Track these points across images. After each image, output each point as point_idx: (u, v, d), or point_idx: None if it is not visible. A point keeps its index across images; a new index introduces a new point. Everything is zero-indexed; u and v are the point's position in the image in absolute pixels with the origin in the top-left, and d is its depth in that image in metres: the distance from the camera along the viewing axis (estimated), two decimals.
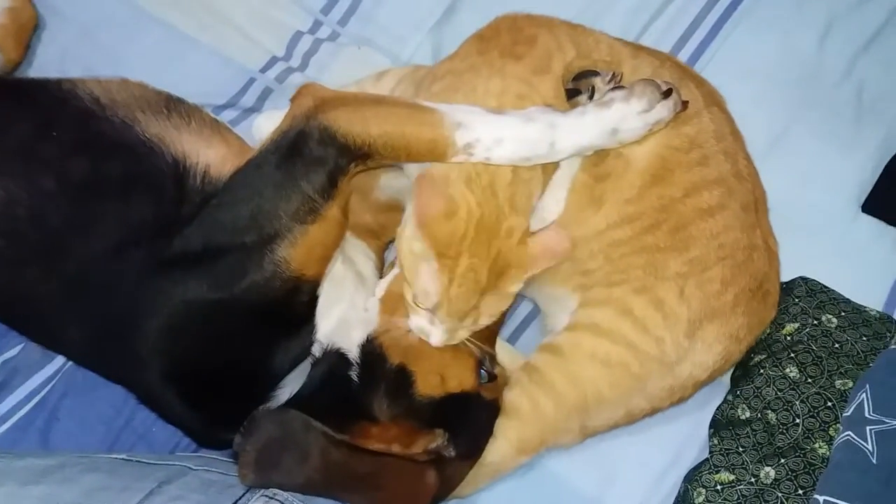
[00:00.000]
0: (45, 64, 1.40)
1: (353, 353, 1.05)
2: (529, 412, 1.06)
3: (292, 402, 1.02)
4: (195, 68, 1.40)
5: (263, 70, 1.42)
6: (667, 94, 1.02)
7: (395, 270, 1.05)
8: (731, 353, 1.09)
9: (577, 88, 1.07)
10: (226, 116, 1.34)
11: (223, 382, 1.03)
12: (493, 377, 1.06)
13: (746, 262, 1.08)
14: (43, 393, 1.20)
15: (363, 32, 1.45)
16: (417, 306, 0.99)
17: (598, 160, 1.06)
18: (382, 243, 1.22)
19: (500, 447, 1.06)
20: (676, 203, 1.06)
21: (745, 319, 1.08)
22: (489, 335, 1.08)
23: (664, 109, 1.02)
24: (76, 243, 1.03)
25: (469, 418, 1.03)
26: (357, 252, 1.15)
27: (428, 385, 1.02)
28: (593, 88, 1.05)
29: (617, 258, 1.06)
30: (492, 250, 0.96)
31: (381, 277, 1.14)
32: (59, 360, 1.23)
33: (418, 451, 0.98)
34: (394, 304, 1.04)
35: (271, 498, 0.94)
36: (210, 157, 1.06)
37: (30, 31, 1.40)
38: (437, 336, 0.99)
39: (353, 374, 1.04)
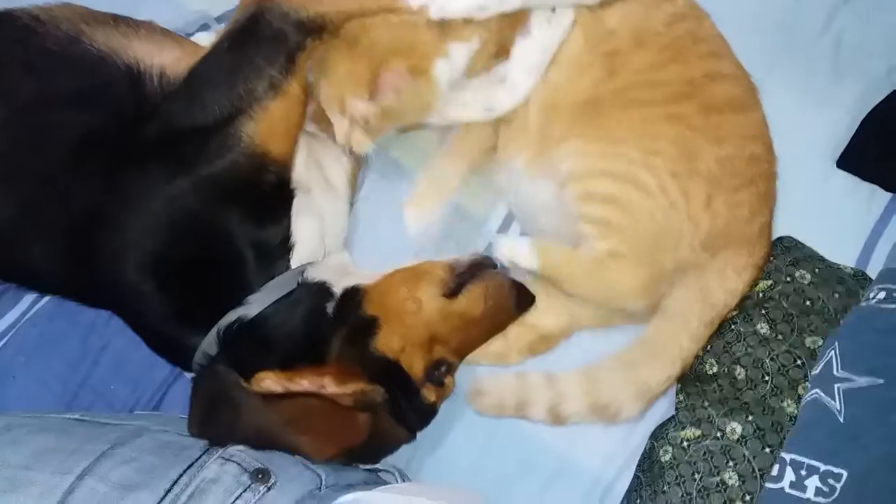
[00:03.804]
0: None
1: (337, 291, 1.06)
2: (627, 250, 1.08)
3: (263, 315, 1.02)
4: (151, 15, 1.33)
5: (221, 20, 1.37)
6: None
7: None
8: (755, 281, 1.13)
9: None
10: None
11: (196, 278, 1.02)
12: (440, 383, 1.07)
13: (767, 194, 1.13)
14: None
15: None
16: None
17: (601, 38, 1.11)
18: None
19: (625, 286, 1.08)
20: (700, 81, 1.11)
21: (764, 252, 1.13)
22: (461, 351, 1.10)
23: None
24: (34, 163, 1.01)
25: (403, 398, 1.03)
26: (328, 155, 1.16)
27: (387, 343, 1.03)
28: None
29: (643, 122, 1.09)
30: None
31: (352, 185, 1.18)
32: (12, 315, 1.19)
33: (348, 393, 0.97)
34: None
35: (227, 460, 0.92)
36: (165, 60, 1.06)
37: None
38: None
39: (330, 308, 1.04)
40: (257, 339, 1.01)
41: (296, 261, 1.06)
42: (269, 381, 0.95)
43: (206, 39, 1.21)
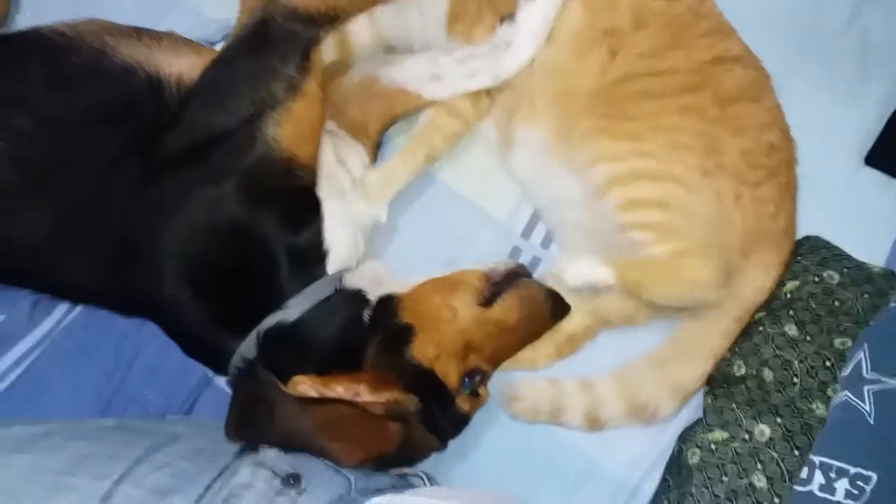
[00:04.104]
0: (21, 25, 1.36)
1: (373, 299, 1.07)
2: (694, 246, 1.06)
3: (301, 320, 1.03)
4: (173, 26, 1.34)
5: None
6: None
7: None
8: (782, 277, 1.13)
9: None
10: None
11: (233, 284, 1.03)
12: (475, 392, 1.07)
13: (788, 185, 1.12)
14: (31, 359, 1.19)
15: None
16: None
17: (599, 11, 1.11)
18: (374, 139, 1.23)
19: (704, 279, 1.06)
20: (710, 68, 1.10)
21: (790, 248, 1.13)
22: (496, 359, 1.10)
23: None
24: (65, 176, 1.03)
25: (437, 407, 1.03)
26: (352, 154, 1.17)
27: (422, 351, 1.03)
28: None
29: (659, 114, 1.08)
30: None
31: None
32: (46, 325, 1.21)
33: (381, 401, 0.98)
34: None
35: (259, 465, 0.93)
36: (182, 66, 1.07)
37: None
38: None
39: (366, 315, 1.05)
40: (295, 344, 1.02)
41: (331, 267, 1.07)
42: (305, 386, 0.96)
43: None
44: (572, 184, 1.14)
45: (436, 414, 1.03)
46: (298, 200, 1.05)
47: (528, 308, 1.09)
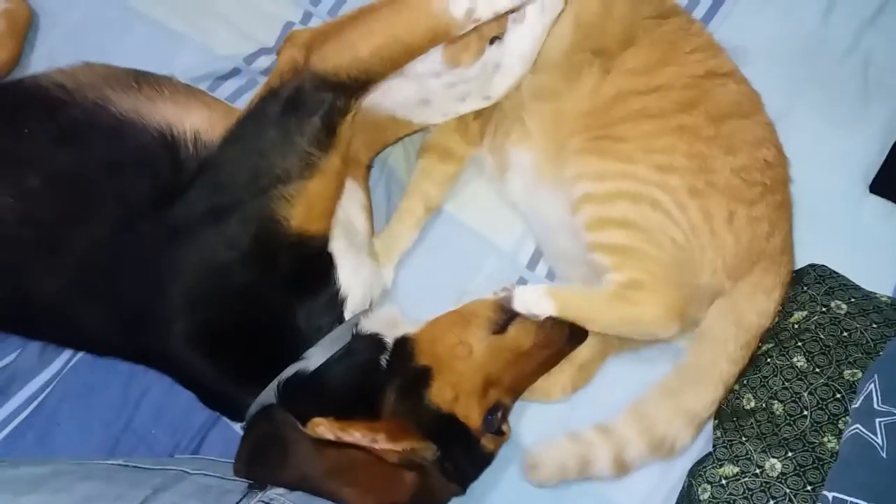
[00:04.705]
0: (34, 64, 1.39)
1: (389, 342, 1.06)
2: (648, 278, 1.05)
3: (318, 371, 1.02)
4: (183, 62, 1.37)
5: (249, 61, 1.40)
6: None
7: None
8: (783, 299, 1.12)
9: None
10: None
11: (247, 343, 1.02)
12: (499, 431, 1.05)
13: (784, 204, 1.12)
14: (41, 398, 1.19)
15: None
16: None
17: (588, 31, 1.13)
18: (365, 168, 1.22)
19: (649, 317, 1.05)
20: (702, 83, 1.10)
21: (789, 268, 1.12)
22: (516, 389, 1.09)
23: None
24: (76, 232, 1.02)
25: (460, 450, 1.02)
26: (351, 199, 1.15)
27: (440, 395, 1.02)
28: None
29: (654, 135, 1.08)
30: None
31: (370, 218, 1.18)
32: (57, 364, 1.22)
33: (398, 450, 0.97)
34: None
35: (267, 503, 0.93)
36: (196, 123, 1.05)
37: (26, 29, 1.38)
38: None
39: (383, 360, 1.04)
40: (314, 391, 1.01)
41: (349, 311, 1.06)
42: (323, 428, 0.95)
43: None
44: (562, 206, 1.14)
45: (457, 459, 1.01)
46: (310, 262, 1.04)
47: (543, 331, 1.08)
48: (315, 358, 1.02)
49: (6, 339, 1.21)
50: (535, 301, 1.07)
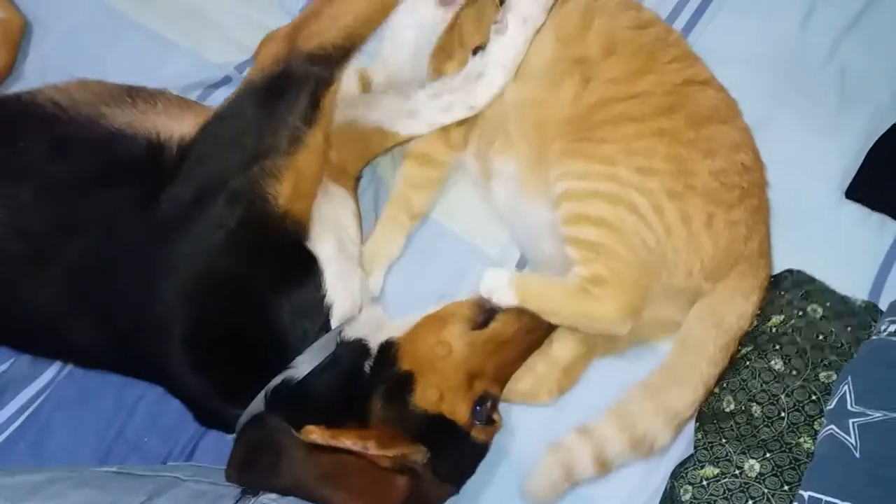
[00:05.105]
0: (27, 73, 1.40)
1: (373, 348, 1.07)
2: (611, 276, 1.07)
3: (306, 379, 1.03)
4: (174, 71, 1.39)
5: (241, 69, 1.41)
6: None
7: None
8: (762, 302, 1.15)
9: None
10: None
11: (237, 347, 1.03)
12: (490, 420, 1.07)
13: (761, 207, 1.14)
14: (34, 406, 1.21)
15: None
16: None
17: (570, 40, 1.16)
18: (354, 179, 1.24)
19: (606, 313, 1.07)
20: (682, 90, 1.13)
21: (766, 272, 1.15)
22: (502, 378, 1.10)
23: None
24: (66, 243, 1.02)
25: (453, 447, 1.04)
26: (340, 204, 1.17)
27: (425, 398, 1.03)
28: None
29: (634, 138, 1.10)
30: None
31: (359, 226, 1.19)
32: (50, 373, 1.23)
33: (389, 455, 0.99)
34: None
35: None
36: (184, 129, 1.06)
37: (20, 38, 1.40)
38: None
39: (367, 366, 1.06)
40: (302, 399, 1.02)
41: (335, 319, 1.07)
42: (315, 436, 0.96)
43: None
44: (545, 214, 1.16)
45: (450, 457, 1.03)
46: (293, 257, 1.05)
47: (526, 316, 1.09)
48: (302, 367, 1.03)
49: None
50: (498, 291, 1.09)
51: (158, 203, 1.01)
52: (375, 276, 1.23)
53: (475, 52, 1.19)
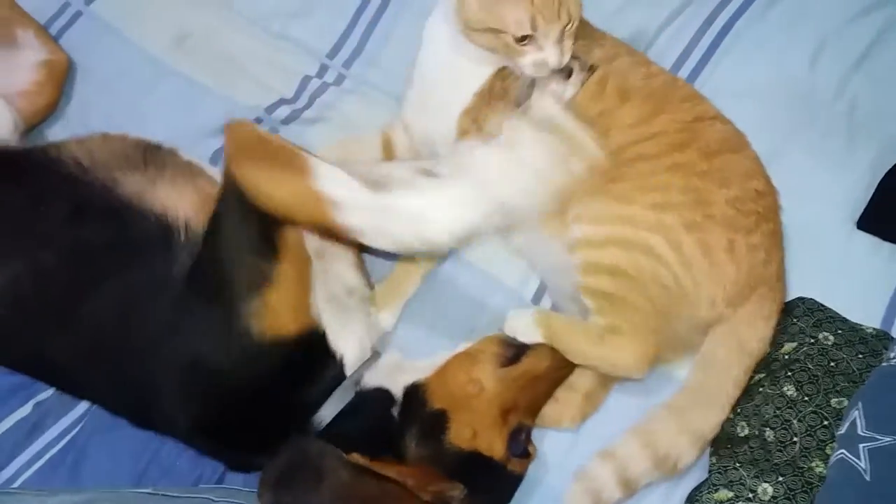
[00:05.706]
0: (69, 114, 1.50)
1: (398, 392, 1.09)
2: (628, 326, 1.10)
3: (331, 427, 1.05)
4: (208, 115, 1.46)
5: (270, 111, 1.48)
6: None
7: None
8: (779, 325, 1.17)
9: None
10: None
11: (256, 420, 1.06)
12: (525, 453, 1.08)
13: (776, 232, 1.17)
14: (74, 432, 1.26)
15: (367, 74, 1.51)
16: (519, 46, 1.10)
17: (589, 103, 1.19)
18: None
19: (623, 361, 1.10)
20: (693, 125, 1.17)
21: (782, 295, 1.18)
22: (535, 408, 1.12)
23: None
24: (81, 313, 1.08)
25: (490, 483, 1.05)
26: (333, 261, 1.17)
27: (460, 436, 1.04)
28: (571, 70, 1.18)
29: (649, 175, 1.13)
30: None
31: (363, 273, 1.22)
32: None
33: (429, 492, 1.00)
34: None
35: None
36: (187, 211, 1.09)
37: (63, 78, 1.49)
38: (553, 55, 1.11)
39: (395, 411, 1.07)
40: (333, 438, 1.03)
41: (349, 367, 1.09)
42: (364, 461, 0.98)
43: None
44: (563, 253, 1.18)
45: (487, 491, 1.04)
46: (299, 349, 1.05)
47: (557, 354, 1.11)
48: (326, 412, 1.06)
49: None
50: (523, 329, 1.12)
51: (167, 301, 1.04)
52: (388, 314, 1.25)
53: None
